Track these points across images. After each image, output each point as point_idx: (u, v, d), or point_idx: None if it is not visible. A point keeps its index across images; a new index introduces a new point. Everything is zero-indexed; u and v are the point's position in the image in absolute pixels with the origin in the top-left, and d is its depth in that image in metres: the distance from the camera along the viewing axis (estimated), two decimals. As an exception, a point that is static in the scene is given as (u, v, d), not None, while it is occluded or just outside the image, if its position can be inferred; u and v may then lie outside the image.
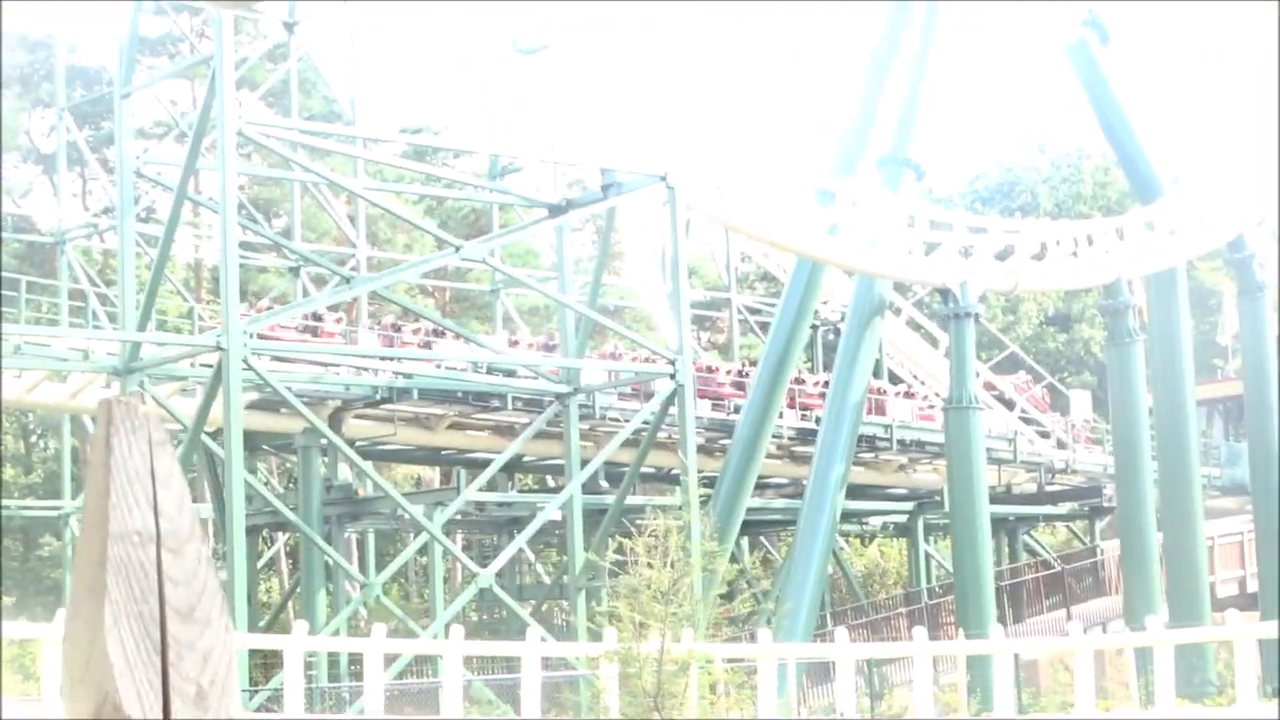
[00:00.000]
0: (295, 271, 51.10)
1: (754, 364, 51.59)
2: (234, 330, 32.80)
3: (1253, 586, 53.43)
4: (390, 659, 31.73)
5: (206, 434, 37.86)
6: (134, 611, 2.21)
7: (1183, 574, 46.17)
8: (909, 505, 56.49)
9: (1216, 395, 68.81)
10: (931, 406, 53.91)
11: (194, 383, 39.75)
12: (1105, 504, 58.73)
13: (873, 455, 53.66)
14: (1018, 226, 46.05)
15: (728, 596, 27.73)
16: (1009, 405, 61.41)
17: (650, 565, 23.57)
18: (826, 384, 53.13)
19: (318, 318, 42.62)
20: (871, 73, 47.63)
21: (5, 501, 61.95)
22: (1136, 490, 45.92)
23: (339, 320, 44.22)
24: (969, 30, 51.94)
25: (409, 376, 41.81)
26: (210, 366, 35.51)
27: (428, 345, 44.22)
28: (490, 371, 42.87)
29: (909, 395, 56.37)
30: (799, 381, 50.81)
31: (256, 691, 33.83)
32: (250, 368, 33.54)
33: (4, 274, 56.19)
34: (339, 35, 52.38)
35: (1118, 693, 33.24)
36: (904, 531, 58.77)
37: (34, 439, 75.40)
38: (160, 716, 2.19)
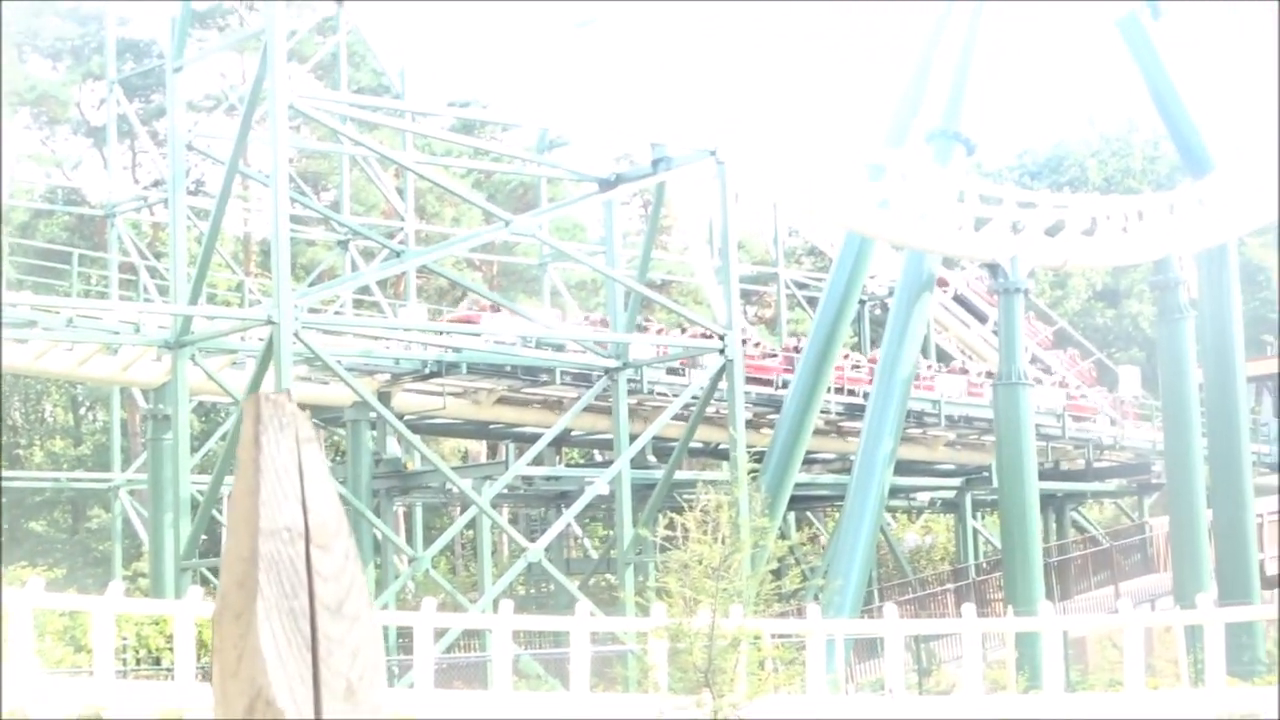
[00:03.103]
0: (344, 245, 51.26)
1: (801, 339, 51.48)
2: (285, 304, 32.81)
3: (1302, 564, 53.17)
4: (439, 633, 31.83)
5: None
6: (285, 607, 2.22)
7: (1232, 551, 45.89)
8: (957, 481, 56.40)
9: (1266, 372, 68.41)
10: (980, 382, 53.82)
11: (244, 356, 39.90)
12: (1154, 480, 58.51)
13: (921, 431, 53.58)
14: (1067, 201, 45.69)
15: (776, 573, 27.64)
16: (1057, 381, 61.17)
17: (701, 540, 23.52)
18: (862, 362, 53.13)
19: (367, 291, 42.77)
20: (922, 46, 47.48)
21: (55, 474, 62.61)
22: (1186, 467, 45.72)
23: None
24: (1021, 3, 51.67)
25: (458, 351, 41.88)
26: (262, 340, 35.63)
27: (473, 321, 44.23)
28: (539, 346, 42.93)
29: (962, 371, 56.20)
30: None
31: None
32: (301, 341, 33.60)
33: (55, 246, 56.67)
34: (388, 8, 52.33)
35: (1166, 670, 33.10)
36: (951, 508, 58.67)
37: (84, 411, 75.95)
38: (312, 712, 2.20)
